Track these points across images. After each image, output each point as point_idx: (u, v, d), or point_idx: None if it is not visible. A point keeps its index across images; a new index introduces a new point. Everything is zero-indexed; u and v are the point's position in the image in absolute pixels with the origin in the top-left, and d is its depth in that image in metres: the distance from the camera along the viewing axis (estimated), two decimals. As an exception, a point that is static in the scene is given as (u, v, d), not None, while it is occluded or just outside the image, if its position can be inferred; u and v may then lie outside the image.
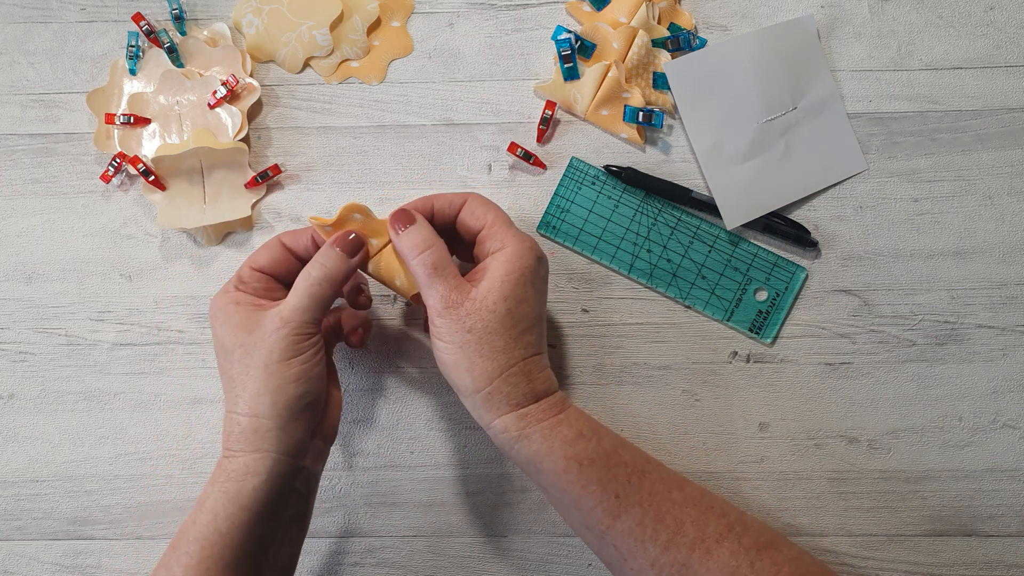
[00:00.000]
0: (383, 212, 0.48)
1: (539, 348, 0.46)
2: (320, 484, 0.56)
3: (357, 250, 0.47)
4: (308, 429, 0.47)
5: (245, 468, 0.44)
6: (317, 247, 0.49)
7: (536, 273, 0.46)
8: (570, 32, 0.57)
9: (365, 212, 0.48)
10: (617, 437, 0.46)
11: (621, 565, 0.44)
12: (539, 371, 0.46)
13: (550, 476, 0.44)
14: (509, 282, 0.44)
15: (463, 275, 0.47)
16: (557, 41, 0.57)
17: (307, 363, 0.46)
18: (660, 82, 0.58)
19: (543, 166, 0.57)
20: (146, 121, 0.58)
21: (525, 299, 0.45)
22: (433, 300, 0.45)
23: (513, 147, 0.57)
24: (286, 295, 0.49)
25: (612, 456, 0.45)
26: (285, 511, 0.47)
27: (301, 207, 0.58)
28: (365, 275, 0.51)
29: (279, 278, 0.50)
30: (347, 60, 0.59)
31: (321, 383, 0.47)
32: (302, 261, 0.50)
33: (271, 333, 0.45)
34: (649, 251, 0.57)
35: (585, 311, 0.57)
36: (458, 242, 0.51)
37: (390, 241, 0.49)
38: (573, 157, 0.58)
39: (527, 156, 0.57)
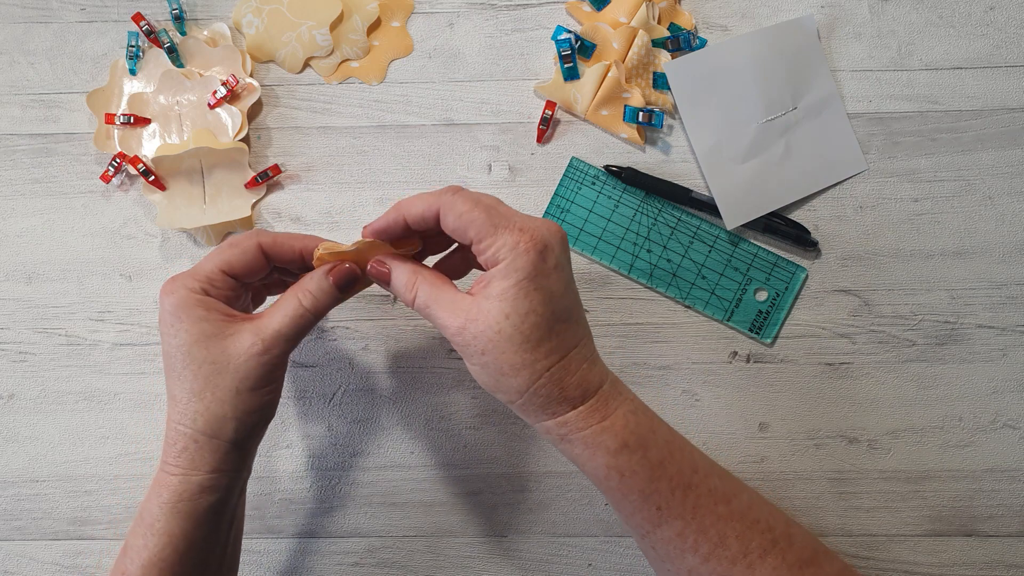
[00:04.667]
0: (382, 210, 0.48)
1: (569, 345, 0.42)
2: (320, 484, 0.57)
3: (349, 286, 0.45)
4: (259, 444, 0.47)
5: (200, 487, 0.43)
6: (303, 260, 0.47)
7: (538, 275, 0.41)
8: (570, 32, 0.57)
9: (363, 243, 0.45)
10: (666, 447, 0.43)
11: (660, 565, 0.44)
12: (571, 375, 0.42)
13: (592, 479, 0.44)
14: (507, 299, 0.40)
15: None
16: (557, 41, 0.57)
17: (277, 391, 0.45)
18: (660, 82, 0.58)
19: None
20: (146, 121, 0.58)
21: (532, 309, 0.40)
22: (444, 332, 0.43)
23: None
24: (247, 301, 0.48)
25: (656, 470, 0.42)
26: (234, 519, 0.47)
27: (301, 207, 0.58)
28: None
29: (243, 281, 0.46)
30: (347, 60, 0.59)
31: (277, 402, 0.46)
32: (278, 270, 0.48)
33: (250, 357, 0.43)
34: (649, 251, 0.57)
35: (585, 311, 0.57)
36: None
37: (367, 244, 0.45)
38: (573, 157, 0.58)
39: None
